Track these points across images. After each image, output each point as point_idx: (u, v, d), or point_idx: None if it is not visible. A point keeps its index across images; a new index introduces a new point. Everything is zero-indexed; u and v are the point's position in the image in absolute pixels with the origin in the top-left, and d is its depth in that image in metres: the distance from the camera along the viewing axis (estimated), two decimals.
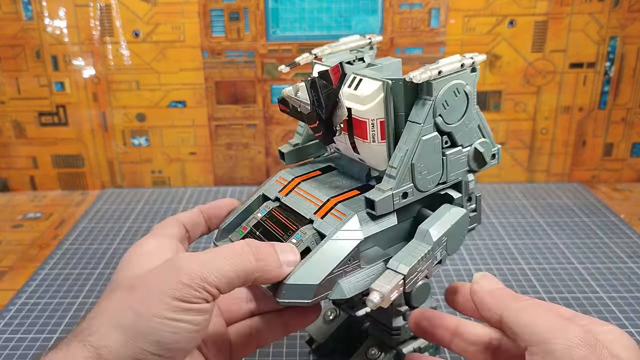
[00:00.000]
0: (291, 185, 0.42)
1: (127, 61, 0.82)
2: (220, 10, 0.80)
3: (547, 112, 0.85)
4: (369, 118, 0.37)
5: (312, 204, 0.39)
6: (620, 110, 0.85)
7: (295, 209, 0.40)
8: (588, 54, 0.82)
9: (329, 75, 0.36)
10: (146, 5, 0.79)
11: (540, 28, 0.80)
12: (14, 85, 0.83)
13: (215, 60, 0.82)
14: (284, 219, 0.40)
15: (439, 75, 0.36)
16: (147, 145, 0.87)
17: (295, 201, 0.40)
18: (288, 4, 0.79)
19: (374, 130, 0.38)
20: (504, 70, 0.82)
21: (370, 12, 0.79)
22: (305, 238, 0.37)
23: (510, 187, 0.87)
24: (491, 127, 0.43)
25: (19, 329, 0.55)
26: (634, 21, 0.80)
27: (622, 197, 0.84)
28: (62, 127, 0.85)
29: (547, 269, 0.64)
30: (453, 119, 0.38)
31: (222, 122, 0.86)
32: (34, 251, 0.71)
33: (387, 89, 0.36)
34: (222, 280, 0.32)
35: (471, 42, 0.81)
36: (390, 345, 0.46)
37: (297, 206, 0.40)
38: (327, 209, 0.38)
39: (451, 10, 0.80)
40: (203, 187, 0.89)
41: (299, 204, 0.40)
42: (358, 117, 0.37)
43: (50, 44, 0.81)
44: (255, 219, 0.41)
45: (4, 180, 0.89)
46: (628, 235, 0.71)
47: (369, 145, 0.39)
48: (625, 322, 0.54)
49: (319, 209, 0.39)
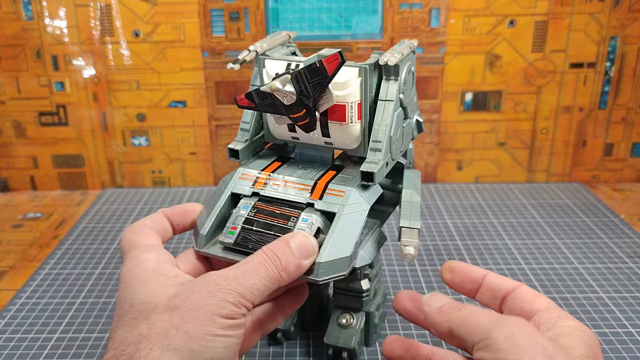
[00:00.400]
0: (263, 178, 0.43)
1: (127, 61, 0.82)
2: (220, 10, 0.80)
3: (547, 112, 0.85)
4: (348, 102, 0.41)
5: (301, 190, 0.42)
6: (621, 110, 0.85)
7: (283, 197, 0.41)
8: (588, 54, 0.82)
9: (320, 65, 0.38)
10: (146, 5, 0.79)
11: (540, 28, 0.80)
12: (14, 85, 0.83)
13: (215, 60, 0.82)
14: (277, 210, 0.41)
15: (402, 57, 0.42)
16: (147, 145, 0.87)
17: (279, 191, 0.42)
18: (288, 4, 0.79)
19: (352, 112, 0.41)
20: (504, 70, 0.82)
21: (370, 12, 0.79)
22: (314, 219, 0.40)
23: (510, 187, 0.87)
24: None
25: (19, 329, 0.55)
26: (634, 21, 0.80)
27: (622, 197, 0.84)
28: (62, 127, 0.85)
29: (547, 269, 0.64)
30: (407, 95, 0.44)
31: (223, 122, 0.86)
32: (34, 251, 0.71)
33: (365, 73, 0.41)
34: (256, 294, 0.35)
35: (471, 42, 0.81)
36: (358, 308, 0.49)
37: (285, 194, 0.41)
38: (320, 190, 0.41)
39: (451, 10, 0.80)
40: (203, 187, 0.89)
41: (285, 192, 0.42)
42: (337, 102, 0.41)
43: (51, 44, 0.81)
44: (241, 217, 0.41)
45: (4, 180, 0.89)
46: (628, 235, 0.71)
47: (345, 127, 0.42)
48: (625, 322, 0.54)
49: (312, 192, 0.41)
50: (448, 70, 0.83)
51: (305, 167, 0.45)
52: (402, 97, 0.43)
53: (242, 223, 0.41)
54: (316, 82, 0.38)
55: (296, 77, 0.38)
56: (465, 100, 0.84)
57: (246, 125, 0.46)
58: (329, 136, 0.43)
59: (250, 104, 0.40)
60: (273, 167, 0.45)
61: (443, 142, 0.87)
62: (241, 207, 0.42)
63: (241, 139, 0.46)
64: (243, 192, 0.43)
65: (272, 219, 0.40)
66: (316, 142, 0.44)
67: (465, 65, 0.82)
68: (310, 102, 0.39)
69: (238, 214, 0.41)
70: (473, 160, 0.88)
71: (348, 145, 0.44)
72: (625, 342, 0.51)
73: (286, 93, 0.38)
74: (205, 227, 0.41)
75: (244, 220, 0.41)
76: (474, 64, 0.82)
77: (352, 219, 0.39)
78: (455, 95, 0.84)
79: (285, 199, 0.41)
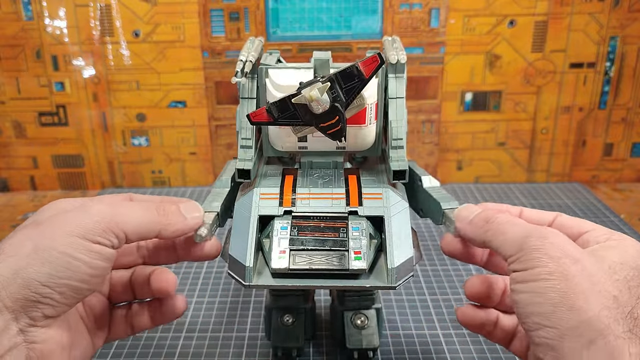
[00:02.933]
0: (288, 195, 0.41)
1: (127, 61, 0.82)
2: (220, 10, 0.80)
3: (547, 112, 0.85)
4: (368, 103, 0.40)
5: (335, 200, 0.41)
6: (621, 110, 0.85)
7: (320, 211, 0.40)
8: (588, 54, 0.82)
9: (356, 69, 0.37)
10: (146, 5, 0.79)
11: (540, 28, 0.80)
12: (14, 85, 0.83)
13: (215, 60, 0.82)
14: (319, 224, 0.39)
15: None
16: (147, 145, 0.87)
17: (312, 205, 0.40)
18: (288, 4, 0.79)
19: (371, 113, 0.41)
20: (504, 70, 0.82)
21: (370, 12, 0.79)
22: (365, 226, 0.39)
23: (510, 187, 0.87)
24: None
25: None
26: (634, 21, 0.80)
27: (622, 197, 0.84)
28: (62, 127, 0.85)
29: None
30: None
31: (223, 122, 0.86)
32: None
33: (382, 74, 0.41)
34: (130, 225, 0.34)
35: (471, 42, 0.81)
36: (369, 306, 0.49)
37: (320, 208, 0.40)
38: (356, 197, 0.41)
39: (451, 10, 0.79)
40: (203, 187, 0.89)
41: (320, 205, 0.40)
42: None
43: (50, 44, 0.81)
44: (285, 239, 0.38)
45: (4, 180, 0.89)
46: (628, 235, 0.71)
47: (363, 129, 0.42)
48: None
49: (348, 200, 0.40)
50: (448, 70, 0.83)
51: (322, 175, 0.43)
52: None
53: (288, 245, 0.38)
54: (350, 86, 0.37)
55: (331, 84, 0.37)
56: (465, 100, 0.84)
57: (249, 142, 0.42)
58: (344, 140, 0.41)
59: (269, 119, 0.38)
60: (289, 181, 0.43)
61: (443, 142, 0.87)
62: (279, 228, 0.39)
63: (246, 157, 0.42)
64: (273, 213, 0.40)
65: (321, 234, 0.39)
66: (327, 148, 0.43)
67: (465, 65, 0.82)
68: (343, 108, 0.37)
69: (279, 236, 0.38)
70: (473, 161, 0.88)
71: (362, 147, 0.43)
72: None
73: (322, 101, 0.37)
74: (250, 258, 0.38)
75: (289, 242, 0.38)
76: (473, 64, 0.82)
77: (400, 218, 0.39)
78: (455, 95, 0.84)
79: (324, 212, 0.40)
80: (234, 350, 0.51)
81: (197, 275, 0.63)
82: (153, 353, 0.51)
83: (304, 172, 0.44)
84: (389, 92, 0.42)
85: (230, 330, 0.54)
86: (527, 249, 0.32)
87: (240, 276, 0.38)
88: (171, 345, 0.52)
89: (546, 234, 0.32)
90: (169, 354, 0.51)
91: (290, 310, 0.48)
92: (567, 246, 0.31)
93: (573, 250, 0.31)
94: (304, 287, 0.39)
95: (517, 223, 0.35)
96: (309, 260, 0.38)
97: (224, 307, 0.58)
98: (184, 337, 0.53)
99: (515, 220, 0.35)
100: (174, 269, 0.64)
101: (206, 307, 0.58)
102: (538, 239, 0.32)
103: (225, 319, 0.56)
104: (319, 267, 0.37)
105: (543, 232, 0.32)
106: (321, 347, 0.52)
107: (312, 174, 0.44)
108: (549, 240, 0.31)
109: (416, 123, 0.85)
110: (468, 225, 0.37)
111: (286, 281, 0.38)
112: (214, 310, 0.57)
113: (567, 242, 0.32)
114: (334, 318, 0.51)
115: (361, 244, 0.38)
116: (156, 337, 0.53)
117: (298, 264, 0.37)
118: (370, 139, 0.43)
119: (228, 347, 0.52)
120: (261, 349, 0.51)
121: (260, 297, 0.59)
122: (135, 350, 0.51)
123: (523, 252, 0.32)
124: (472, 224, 0.37)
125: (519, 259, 0.32)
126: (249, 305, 0.58)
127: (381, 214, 0.39)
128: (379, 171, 0.44)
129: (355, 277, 0.38)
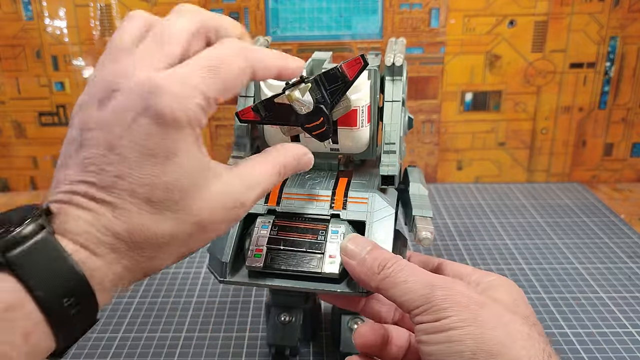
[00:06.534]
0: (274, 195, 0.41)
1: None
2: (220, 10, 0.80)
3: (547, 112, 0.85)
4: (359, 106, 0.40)
5: (320, 202, 0.40)
6: (621, 110, 0.85)
7: (303, 211, 0.40)
8: (588, 54, 0.82)
9: (339, 71, 0.36)
10: (146, 5, 0.79)
11: (540, 28, 0.80)
12: (14, 85, 0.83)
13: None
14: (300, 225, 0.39)
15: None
16: None
17: (297, 205, 0.40)
18: (288, 4, 0.79)
19: (363, 115, 0.40)
20: (504, 70, 0.82)
21: (370, 12, 0.79)
22: (344, 230, 0.39)
23: (510, 187, 0.87)
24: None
25: None
26: (634, 21, 0.80)
27: (622, 197, 0.84)
28: (63, 127, 0.85)
29: (547, 269, 0.64)
30: (404, 93, 0.44)
31: (222, 122, 0.86)
32: None
33: (374, 76, 0.40)
34: None
35: (471, 42, 0.81)
36: None
37: (303, 209, 0.40)
38: (341, 200, 0.40)
39: (451, 10, 0.80)
40: None
41: (304, 206, 0.40)
42: None
43: (50, 44, 0.81)
44: (263, 237, 0.39)
45: (4, 180, 0.89)
46: (628, 235, 0.71)
47: (355, 132, 0.41)
48: (625, 322, 0.54)
49: (333, 203, 0.40)
50: (448, 70, 0.83)
51: (313, 177, 0.43)
52: (404, 96, 0.43)
53: (266, 244, 0.38)
54: (334, 88, 0.36)
55: (316, 84, 0.36)
56: (465, 100, 0.84)
57: (244, 140, 0.43)
58: (336, 142, 0.41)
59: (256, 117, 0.38)
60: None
61: (443, 142, 0.87)
62: (260, 226, 0.39)
63: (240, 154, 0.43)
64: (257, 210, 0.40)
65: (299, 236, 0.39)
66: (320, 149, 0.42)
67: (465, 65, 0.82)
68: (328, 109, 0.37)
69: (258, 234, 0.39)
70: (473, 160, 0.88)
71: (355, 150, 0.42)
72: (625, 342, 0.51)
73: (304, 102, 0.36)
74: (227, 253, 0.39)
75: (268, 241, 0.38)
76: (473, 64, 0.82)
77: (383, 224, 0.39)
78: (455, 95, 0.84)
79: (306, 213, 0.40)
80: (234, 350, 0.51)
81: (197, 275, 0.63)
82: (153, 353, 0.51)
83: (296, 174, 0.44)
84: (385, 95, 0.42)
85: (230, 330, 0.54)
86: (434, 299, 0.31)
87: (217, 272, 0.39)
88: (171, 345, 0.52)
89: (449, 284, 0.32)
90: (169, 354, 0.51)
91: (289, 309, 0.48)
92: (470, 292, 0.32)
93: (476, 296, 0.32)
94: (275, 287, 0.39)
95: (416, 273, 0.33)
96: (284, 260, 0.38)
97: (224, 307, 0.58)
98: (184, 337, 0.53)
99: (414, 268, 0.34)
100: (174, 269, 0.64)
101: (206, 307, 0.58)
102: (444, 289, 0.32)
103: (225, 319, 0.56)
104: (293, 269, 0.37)
105: (447, 282, 0.32)
106: (321, 347, 0.52)
107: (304, 175, 0.43)
108: (454, 289, 0.32)
109: (416, 123, 0.85)
110: (360, 267, 0.35)
111: (259, 280, 0.38)
112: (214, 310, 0.57)
113: (468, 289, 0.32)
114: (333, 320, 0.51)
115: (337, 248, 0.38)
116: (156, 337, 0.53)
117: (273, 264, 0.38)
118: (364, 142, 0.42)
119: (228, 347, 0.52)
120: (261, 349, 0.51)
121: (260, 297, 0.59)
122: (135, 350, 0.51)
123: (431, 304, 0.31)
124: (366, 268, 0.34)
125: (426, 310, 0.31)
126: (249, 305, 0.58)
127: (363, 218, 0.39)
128: (372, 175, 0.44)
129: (333, 280, 0.38)
